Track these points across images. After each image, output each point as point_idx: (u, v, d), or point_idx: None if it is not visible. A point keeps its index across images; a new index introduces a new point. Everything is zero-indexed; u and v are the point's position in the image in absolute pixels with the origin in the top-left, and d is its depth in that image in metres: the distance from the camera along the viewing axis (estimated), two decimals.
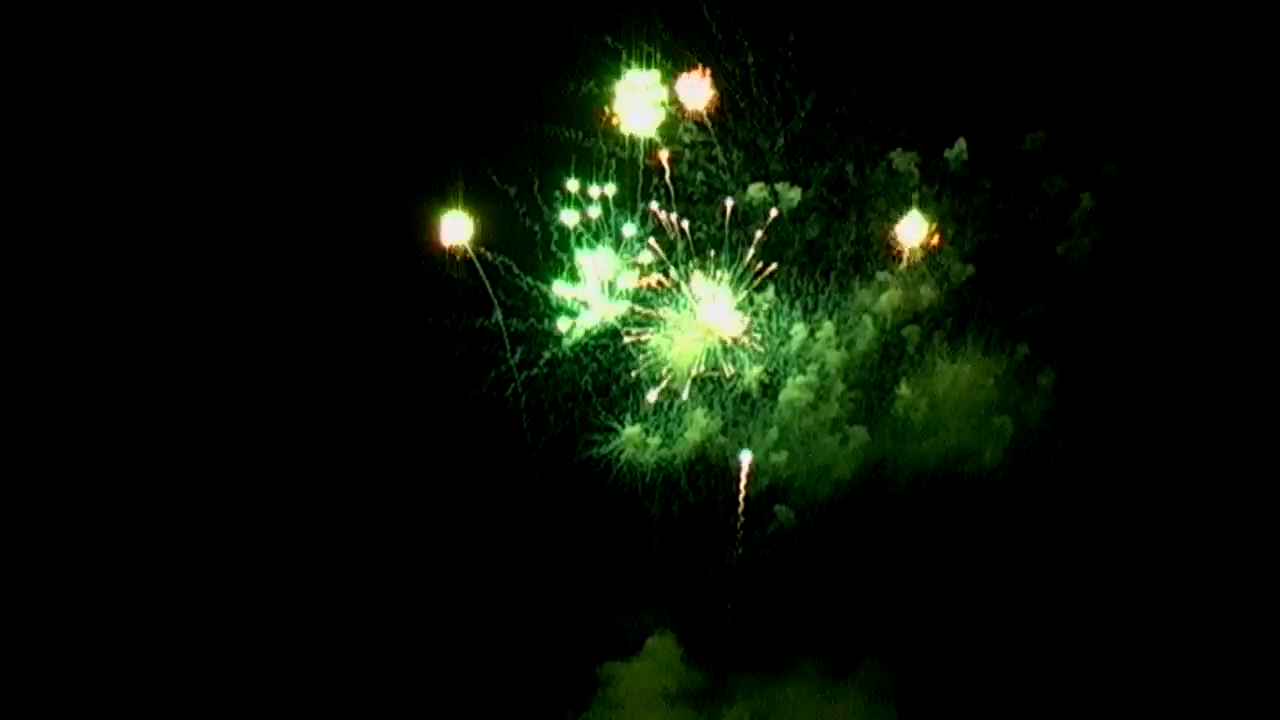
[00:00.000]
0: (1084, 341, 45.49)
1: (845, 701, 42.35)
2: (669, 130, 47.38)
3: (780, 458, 44.52)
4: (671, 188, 47.18)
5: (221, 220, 42.69)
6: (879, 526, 43.85)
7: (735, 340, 45.53)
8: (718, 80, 47.49)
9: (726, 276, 46.27)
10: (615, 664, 42.21)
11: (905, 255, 47.14)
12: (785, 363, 45.66)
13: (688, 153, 47.95)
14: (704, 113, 47.36)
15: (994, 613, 42.80)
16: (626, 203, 46.73)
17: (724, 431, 44.94)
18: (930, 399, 44.93)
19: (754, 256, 46.75)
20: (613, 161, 46.67)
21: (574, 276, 45.38)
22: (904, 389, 45.02)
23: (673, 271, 46.37)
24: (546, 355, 44.74)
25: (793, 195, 48.18)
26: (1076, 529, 43.28)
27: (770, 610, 42.91)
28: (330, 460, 41.66)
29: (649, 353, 45.23)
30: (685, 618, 42.67)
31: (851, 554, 43.54)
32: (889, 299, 46.60)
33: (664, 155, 46.62)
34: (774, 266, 46.53)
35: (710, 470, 44.48)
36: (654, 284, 46.04)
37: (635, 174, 46.87)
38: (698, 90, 46.54)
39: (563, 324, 44.96)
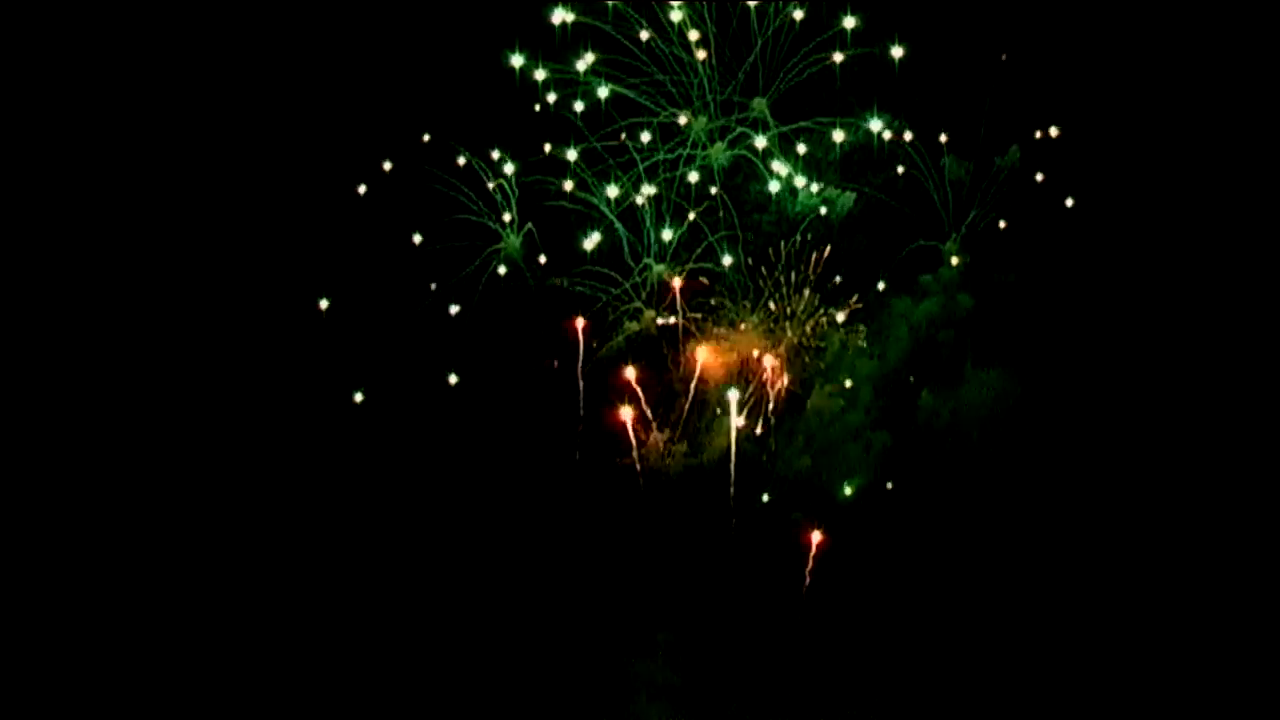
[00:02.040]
0: (1114, 350, 44.94)
1: (849, 700, 42.85)
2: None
3: (803, 463, 45.38)
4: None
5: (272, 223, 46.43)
6: (893, 531, 44.26)
7: (768, 348, 46.57)
8: None
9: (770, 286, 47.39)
10: (622, 659, 43.56)
11: (947, 263, 47.56)
12: (816, 371, 46.49)
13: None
14: None
15: (1003, 619, 42.67)
16: (674, 208, 48.56)
17: (750, 438, 46.02)
18: (954, 405, 45.09)
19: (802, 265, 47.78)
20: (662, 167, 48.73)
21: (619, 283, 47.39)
22: (927, 396, 45.28)
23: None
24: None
25: (844, 203, 49.02)
26: (1092, 539, 42.79)
27: (779, 609, 43.76)
28: (361, 458, 44.62)
29: (684, 360, 46.70)
30: (694, 615, 43.81)
31: (864, 557, 44.06)
32: (926, 307, 46.93)
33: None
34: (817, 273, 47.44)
35: (734, 476, 45.62)
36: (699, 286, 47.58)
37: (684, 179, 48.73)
38: None
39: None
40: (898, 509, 44.39)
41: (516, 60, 48.75)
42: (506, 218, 48.33)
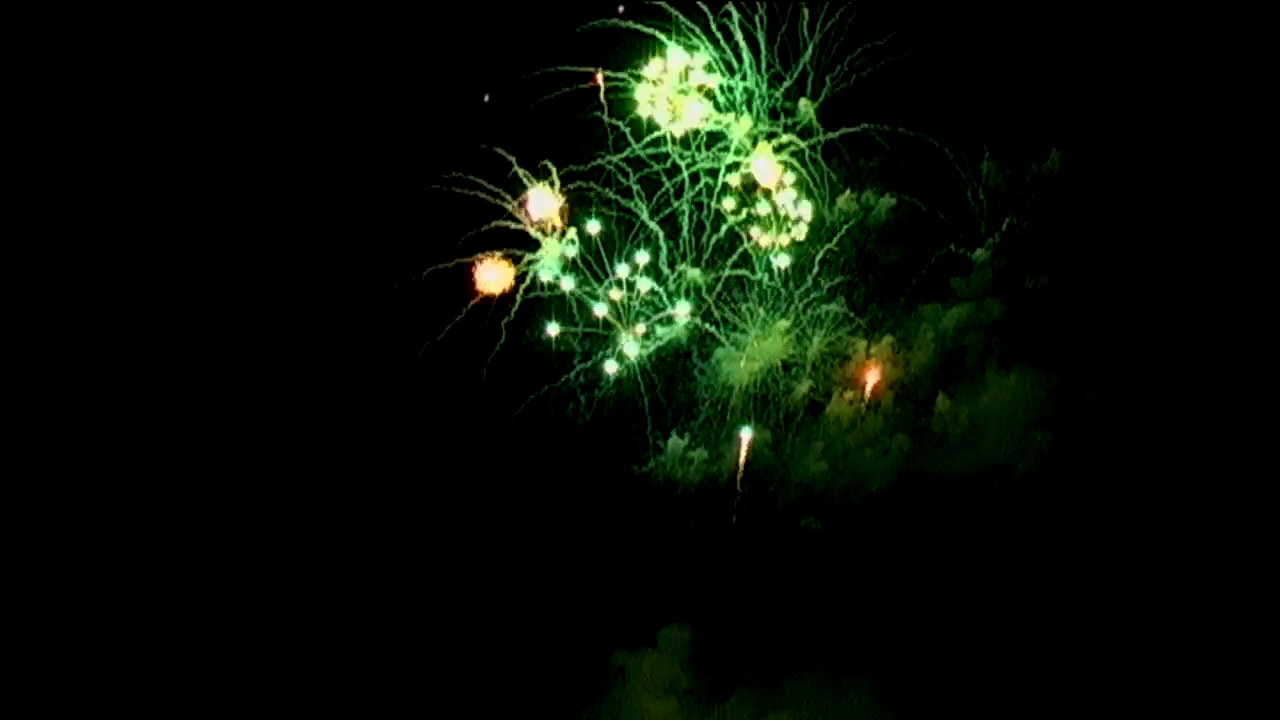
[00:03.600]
0: (1147, 357, 44.00)
1: (852, 699, 42.83)
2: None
3: (820, 468, 45.48)
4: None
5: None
6: (903, 535, 44.11)
7: (792, 357, 46.73)
8: None
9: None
10: (626, 654, 44.34)
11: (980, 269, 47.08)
12: (839, 379, 46.50)
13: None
14: None
15: (1007, 622, 42.29)
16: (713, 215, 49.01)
17: (770, 446, 46.27)
18: (973, 411, 44.69)
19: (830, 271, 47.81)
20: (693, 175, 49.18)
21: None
22: (943, 402, 44.94)
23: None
24: (610, 374, 47.33)
25: (883, 207, 48.81)
26: (1102, 546, 42.09)
27: (785, 609, 44.03)
28: (387, 460, 46.30)
29: (708, 370, 47.15)
30: (700, 612, 44.32)
31: (873, 560, 44.04)
32: (955, 313, 46.51)
33: None
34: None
35: (752, 482, 45.98)
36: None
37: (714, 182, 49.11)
38: None
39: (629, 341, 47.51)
40: (910, 515, 44.01)
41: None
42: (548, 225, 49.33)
